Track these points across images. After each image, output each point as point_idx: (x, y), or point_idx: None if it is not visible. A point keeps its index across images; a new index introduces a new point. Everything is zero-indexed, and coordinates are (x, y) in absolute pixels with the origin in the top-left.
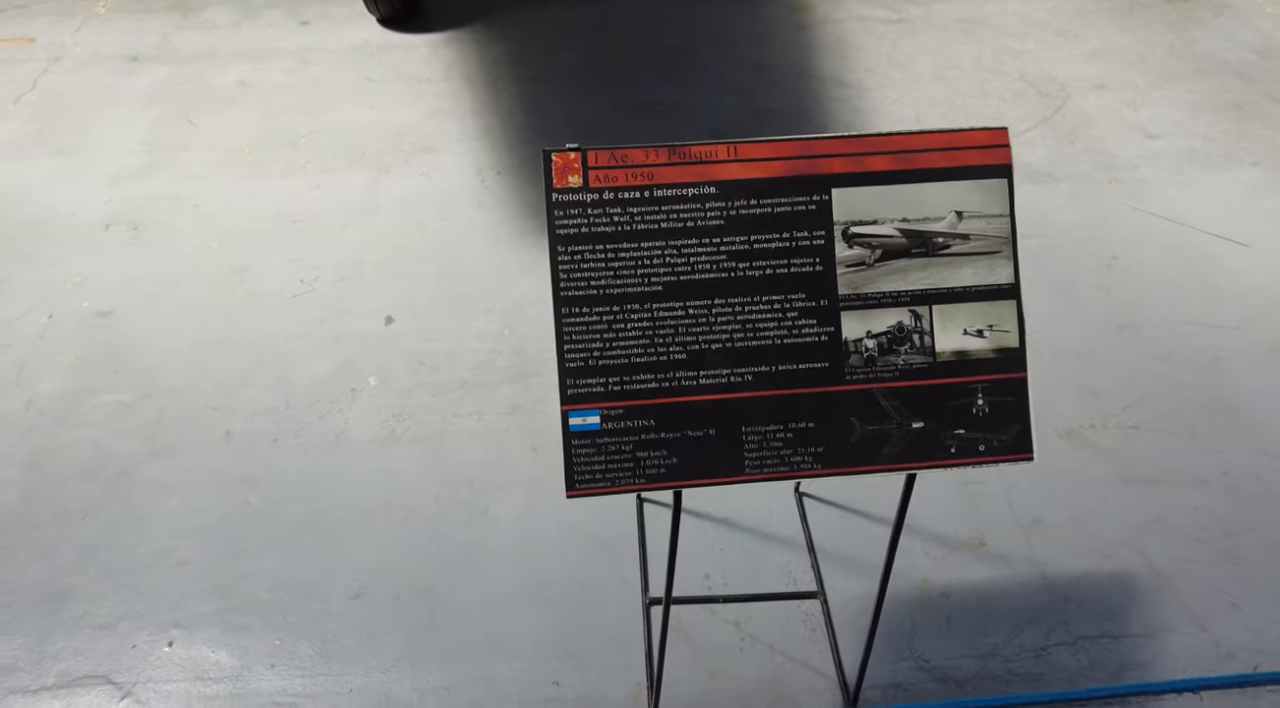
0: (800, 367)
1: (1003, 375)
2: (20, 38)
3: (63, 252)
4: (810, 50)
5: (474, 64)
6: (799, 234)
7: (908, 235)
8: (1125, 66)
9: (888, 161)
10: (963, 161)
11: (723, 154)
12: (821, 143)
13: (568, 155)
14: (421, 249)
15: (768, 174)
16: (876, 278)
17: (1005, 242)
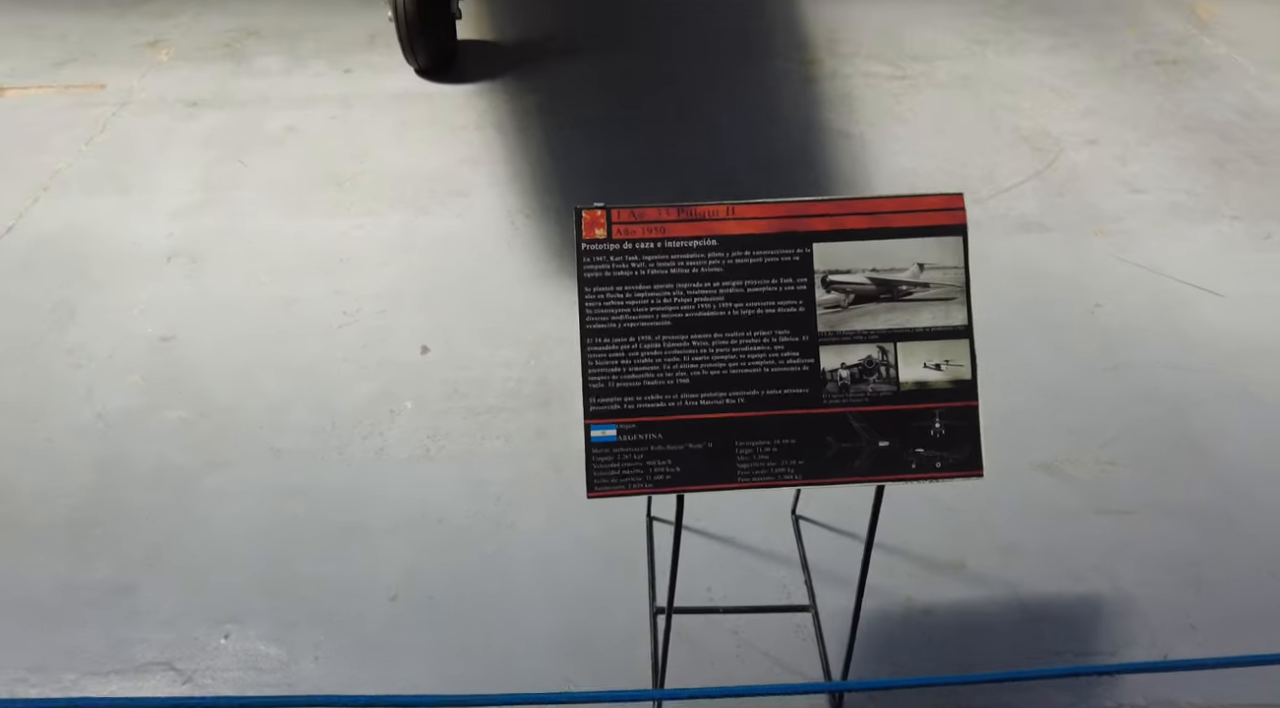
0: (785, 392)
1: (957, 403)
2: (93, 83)
3: (129, 281)
4: (817, 103)
5: (505, 113)
6: (785, 280)
7: (876, 283)
8: (1116, 124)
9: (860, 221)
10: (924, 221)
11: (722, 213)
12: (804, 205)
13: (596, 212)
14: (455, 285)
15: (759, 230)
16: (850, 318)
17: (960, 289)
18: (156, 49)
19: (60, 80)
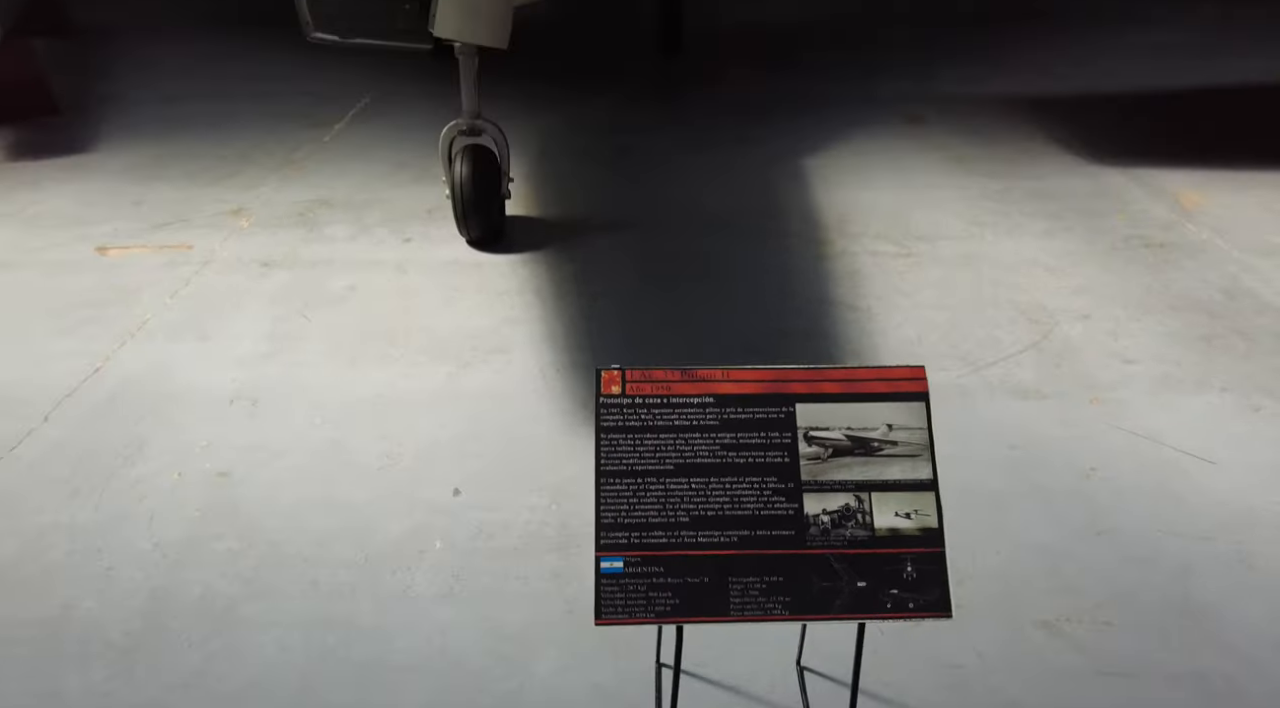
0: (773, 533)
1: (926, 550)
2: (183, 244)
3: (194, 420)
4: (827, 279)
5: (545, 280)
6: (772, 434)
7: (852, 440)
8: (1107, 300)
9: (836, 386)
10: (891, 388)
11: (719, 376)
12: (788, 371)
13: (613, 372)
14: (489, 433)
15: (750, 391)
16: (829, 470)
17: (925, 448)
18: (239, 216)
19: (155, 242)
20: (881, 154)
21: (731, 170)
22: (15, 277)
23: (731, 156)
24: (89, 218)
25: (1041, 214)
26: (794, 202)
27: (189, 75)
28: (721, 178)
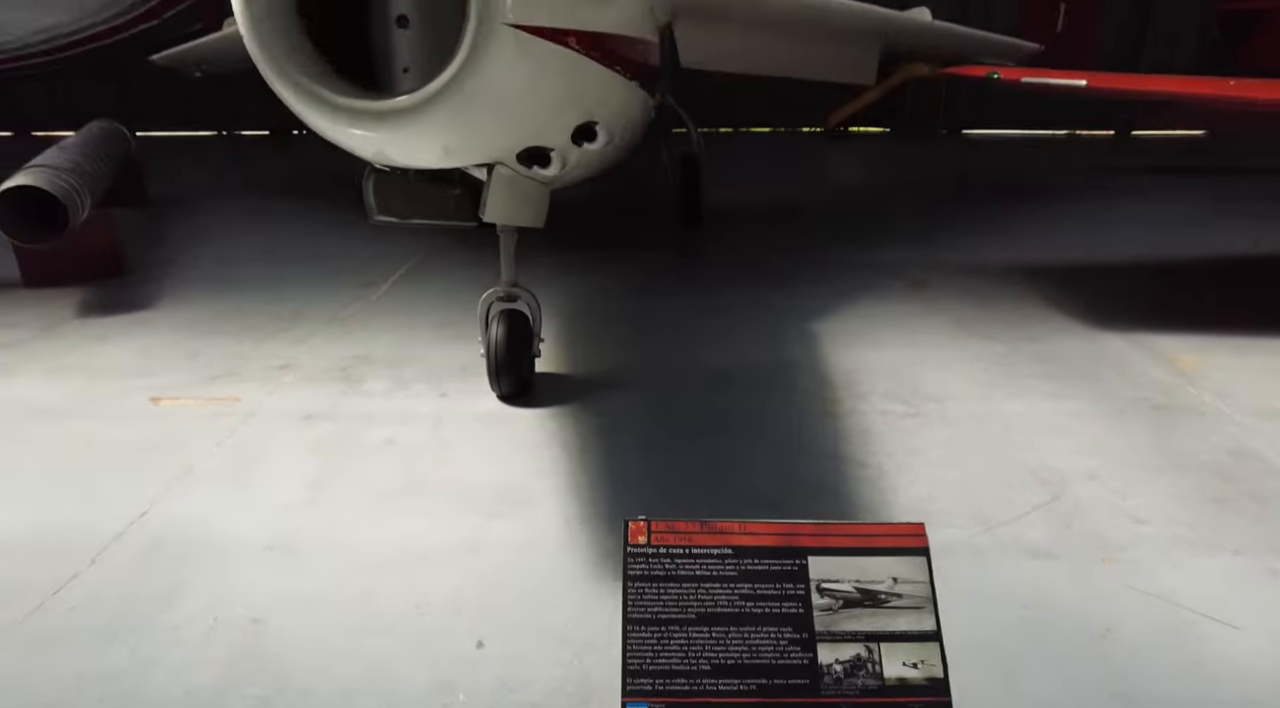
0: (790, 682)
1: (932, 699)
2: (230, 397)
3: (232, 566)
4: (837, 436)
5: (571, 434)
6: (786, 586)
7: (861, 592)
8: (1114, 461)
9: (844, 541)
10: (894, 544)
11: (735, 529)
12: (800, 526)
13: (639, 523)
14: (515, 583)
15: (765, 543)
16: (841, 620)
17: (928, 600)
18: (285, 370)
19: (205, 394)
20: (887, 317)
21: (744, 331)
22: (74, 424)
23: (744, 319)
24: (146, 370)
25: (1045, 376)
26: (804, 361)
27: (246, 239)
28: (735, 338)
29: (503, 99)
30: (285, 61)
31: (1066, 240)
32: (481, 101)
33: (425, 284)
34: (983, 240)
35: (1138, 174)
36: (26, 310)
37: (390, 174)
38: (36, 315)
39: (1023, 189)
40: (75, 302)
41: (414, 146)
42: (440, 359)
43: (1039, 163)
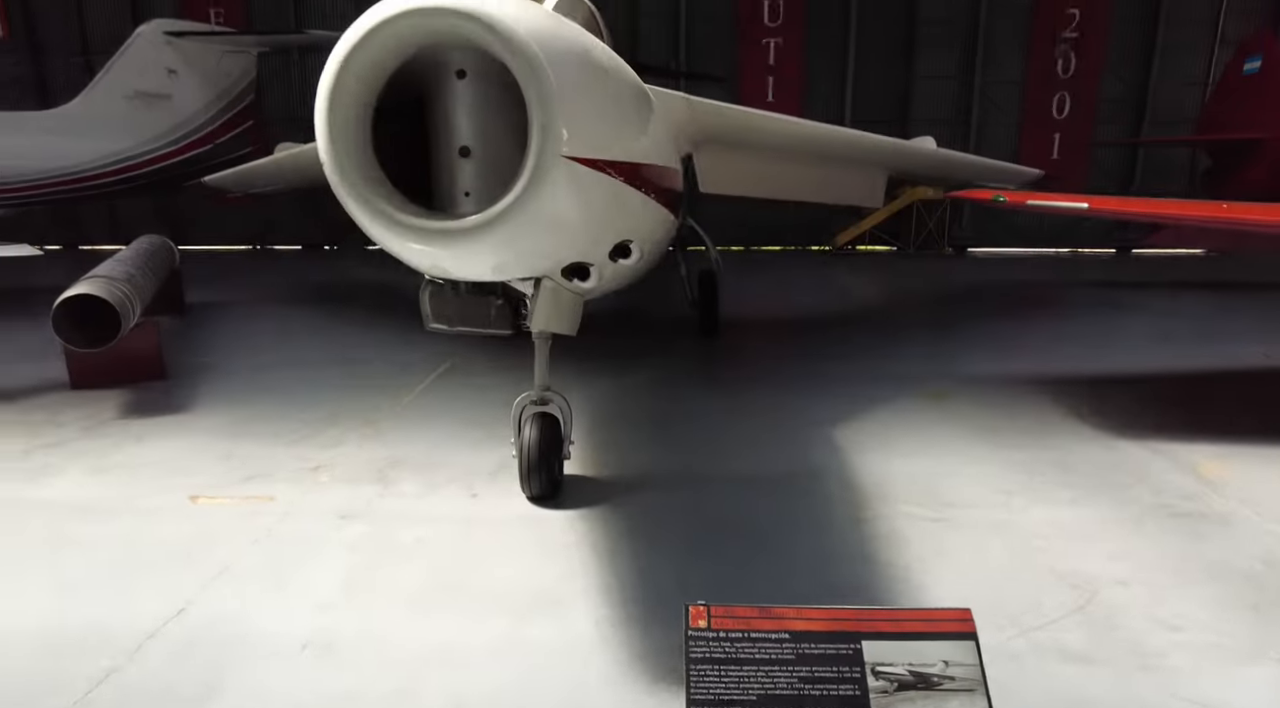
0: None
1: None
2: (265, 496)
3: (268, 664)
4: (867, 540)
5: (601, 536)
6: (842, 669)
7: (914, 675)
8: (1144, 567)
9: (896, 625)
10: (943, 629)
11: (792, 614)
12: (854, 611)
13: (700, 608)
14: (551, 684)
15: (821, 628)
16: (895, 703)
17: (979, 682)
18: (319, 472)
19: (241, 493)
20: (908, 426)
21: (767, 436)
22: (114, 521)
23: (767, 424)
24: (184, 470)
25: (1066, 483)
26: (829, 466)
27: (279, 346)
28: (759, 443)
29: (555, 221)
30: (363, 187)
31: (1079, 353)
32: (537, 223)
33: (453, 390)
34: (997, 353)
35: (1142, 290)
36: (72, 411)
37: (443, 286)
38: (82, 416)
39: (1031, 304)
40: (118, 403)
41: (474, 261)
42: (471, 461)
43: (1044, 279)
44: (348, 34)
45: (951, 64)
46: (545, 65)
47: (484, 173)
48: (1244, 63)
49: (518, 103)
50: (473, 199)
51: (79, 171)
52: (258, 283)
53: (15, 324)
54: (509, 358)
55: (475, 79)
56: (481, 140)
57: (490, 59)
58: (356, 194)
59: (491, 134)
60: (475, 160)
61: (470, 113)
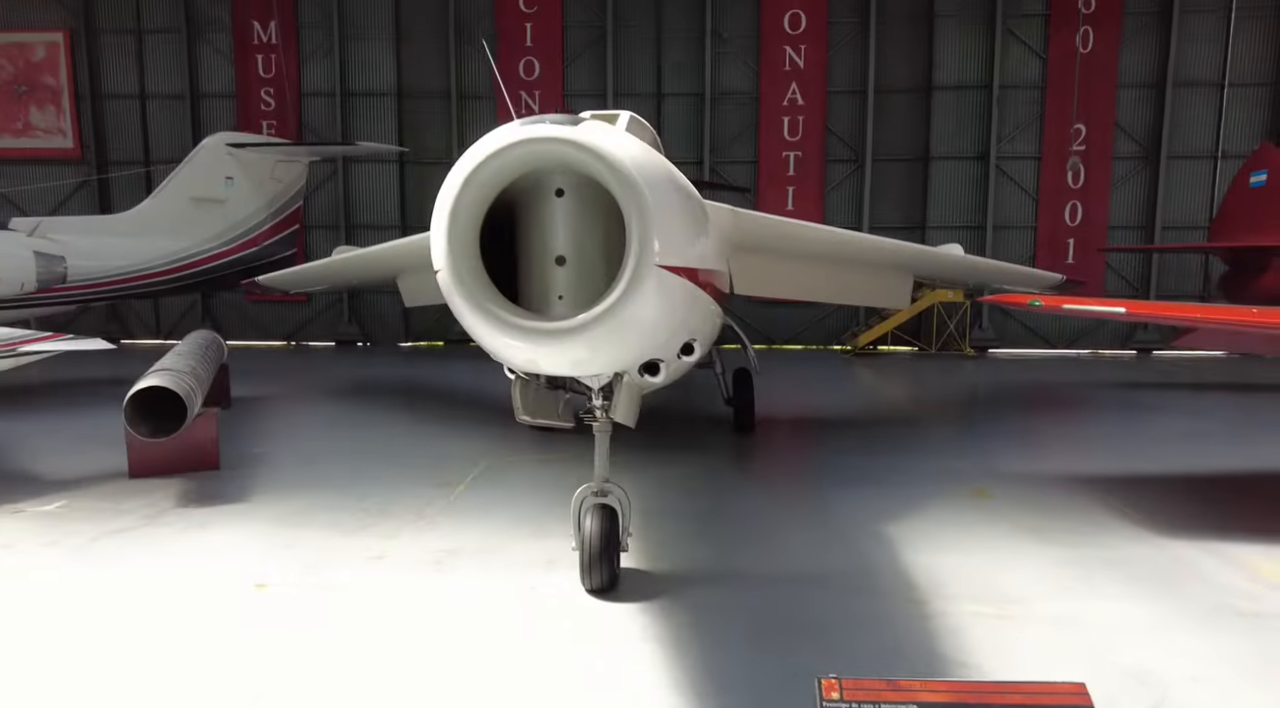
0: None
1: None
2: (330, 584)
3: None
4: (933, 637)
5: (664, 629)
6: None
7: None
8: (1214, 664)
9: (1015, 698)
10: (1059, 702)
11: (918, 687)
12: (974, 684)
13: (832, 680)
14: None
15: (945, 700)
16: None
17: None
18: (379, 561)
19: (306, 581)
20: (954, 522)
21: (815, 531)
22: (182, 609)
23: (813, 519)
24: (248, 559)
25: (1123, 580)
26: (883, 562)
27: (322, 439)
28: (808, 539)
29: (644, 321)
30: (478, 292)
31: (1112, 452)
32: (630, 323)
33: (500, 483)
34: (1031, 452)
35: (1168, 391)
36: (133, 499)
37: (528, 382)
38: (144, 504)
39: (1058, 404)
40: (177, 492)
41: (570, 358)
42: (526, 553)
43: (1068, 380)
44: (470, 157)
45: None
46: (644, 187)
47: (576, 278)
48: (1250, 176)
49: (607, 218)
50: (566, 302)
51: (141, 270)
52: (296, 377)
53: (70, 413)
54: (541, 452)
55: (571, 197)
56: (575, 250)
57: (585, 179)
58: (471, 298)
59: (583, 245)
60: (569, 268)
61: (566, 226)
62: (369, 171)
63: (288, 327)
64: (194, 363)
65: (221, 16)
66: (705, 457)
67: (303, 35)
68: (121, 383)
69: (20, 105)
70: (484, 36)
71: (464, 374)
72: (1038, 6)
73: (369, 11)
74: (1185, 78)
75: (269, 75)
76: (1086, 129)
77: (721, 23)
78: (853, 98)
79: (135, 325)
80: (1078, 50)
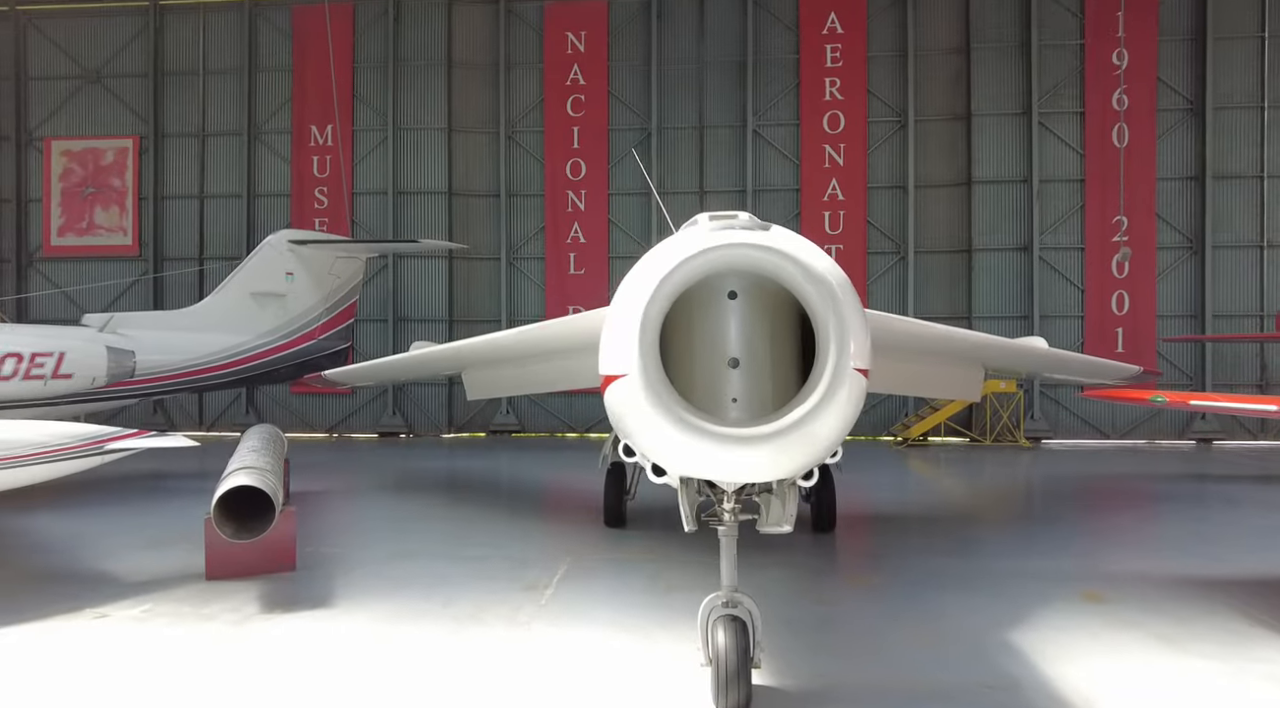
0: None
1: None
2: None
3: None
4: None
5: None
6: None
7: None
8: None
9: None
10: None
11: None
12: None
13: None
14: None
15: None
16: None
17: None
18: (484, 679)
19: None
20: (1078, 630)
21: (938, 644)
22: None
23: (928, 630)
24: (342, 673)
25: None
26: (1019, 676)
27: (390, 537)
28: (932, 651)
29: (834, 426)
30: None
31: (1215, 551)
32: (820, 427)
33: (585, 587)
34: (1127, 550)
35: (1247, 483)
36: (215, 603)
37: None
38: (227, 608)
39: (1137, 496)
40: (258, 595)
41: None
42: (632, 672)
43: (1135, 471)
44: (664, 259)
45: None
46: (839, 292)
47: (750, 382)
48: None
49: (774, 321)
50: (740, 405)
51: (202, 363)
52: (347, 470)
53: (137, 510)
54: (617, 551)
55: (745, 299)
56: (748, 353)
57: (759, 282)
58: (661, 403)
59: (755, 348)
60: (743, 370)
61: (740, 329)
62: (418, 267)
63: (331, 418)
64: (270, 459)
65: (280, 120)
66: (790, 558)
67: (358, 138)
68: (178, 478)
69: (86, 206)
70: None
71: (512, 466)
72: (1072, 105)
73: (422, 113)
74: (1223, 171)
75: (323, 175)
76: (1128, 221)
77: (762, 123)
78: (893, 192)
79: (179, 417)
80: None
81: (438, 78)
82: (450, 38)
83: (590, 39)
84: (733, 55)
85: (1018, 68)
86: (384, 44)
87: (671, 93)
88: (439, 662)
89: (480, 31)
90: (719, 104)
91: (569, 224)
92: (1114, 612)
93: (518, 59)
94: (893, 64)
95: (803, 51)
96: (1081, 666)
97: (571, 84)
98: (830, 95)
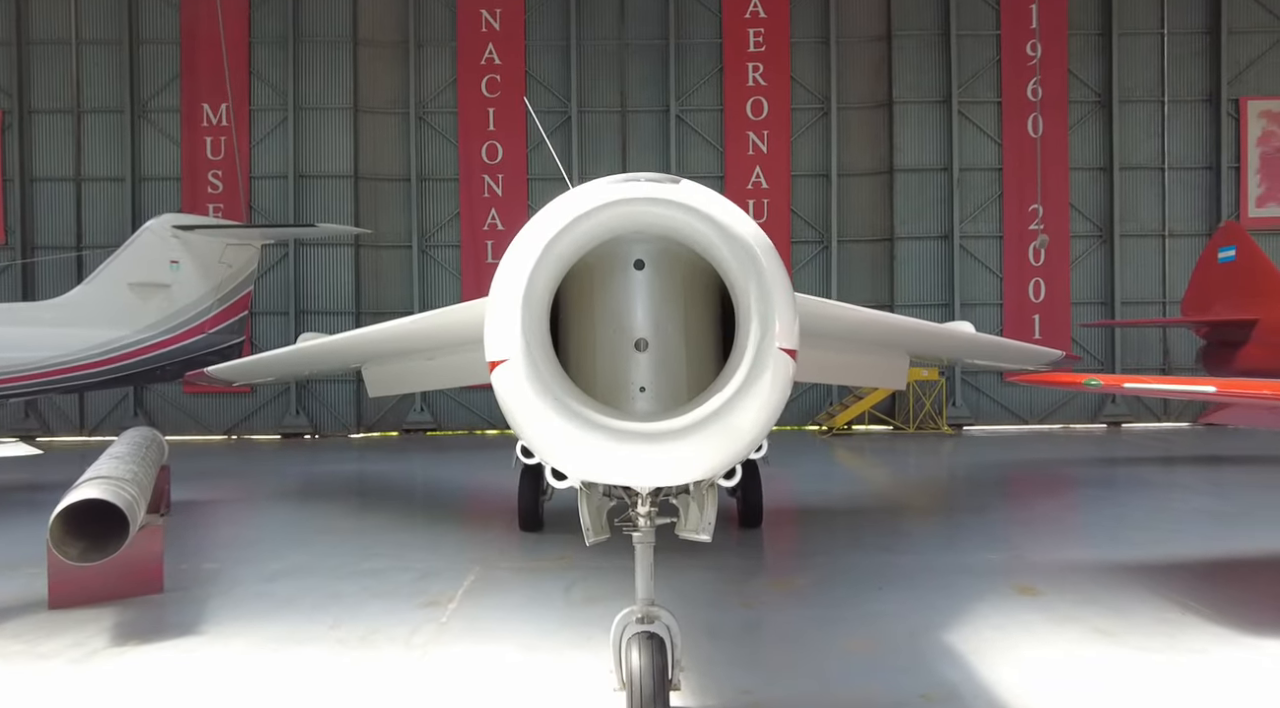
0: None
1: None
2: None
3: None
4: None
5: None
6: None
7: None
8: None
9: None
10: None
11: None
12: None
13: None
14: None
15: None
16: None
17: None
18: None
19: None
20: (1017, 627)
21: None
22: None
23: (863, 631)
24: None
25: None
26: (960, 683)
27: (283, 550)
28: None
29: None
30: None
31: (1138, 537)
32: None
33: (492, 602)
34: (1056, 539)
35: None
36: (56, 638)
37: (596, 493)
38: (68, 644)
39: (1058, 482)
40: (111, 625)
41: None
42: (538, 699)
43: (1054, 456)
44: (551, 219)
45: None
46: (762, 258)
47: (659, 367)
48: (1218, 252)
49: (686, 295)
50: (649, 395)
51: (70, 361)
52: (242, 476)
53: None
54: (531, 559)
55: (654, 270)
56: (656, 333)
57: (669, 250)
58: (548, 393)
59: (664, 327)
60: (651, 353)
61: (648, 305)
62: (322, 256)
63: (229, 420)
64: (135, 467)
65: (168, 98)
66: (717, 559)
67: (255, 118)
68: (39, 490)
69: None
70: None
71: (426, 468)
72: (990, 94)
73: (325, 93)
74: (1129, 162)
75: (217, 157)
76: (1044, 210)
77: (685, 109)
78: (817, 181)
79: (56, 421)
80: (1031, 134)
81: (343, 55)
82: (356, 13)
83: (506, 17)
84: (655, 37)
85: (938, 56)
86: (283, 19)
87: (593, 75)
88: (317, 694)
89: (388, 7)
90: (641, 87)
91: (486, 210)
92: (1050, 605)
93: (429, 37)
94: (815, 50)
95: (725, 35)
96: (1027, 668)
97: (487, 64)
98: (754, 81)
